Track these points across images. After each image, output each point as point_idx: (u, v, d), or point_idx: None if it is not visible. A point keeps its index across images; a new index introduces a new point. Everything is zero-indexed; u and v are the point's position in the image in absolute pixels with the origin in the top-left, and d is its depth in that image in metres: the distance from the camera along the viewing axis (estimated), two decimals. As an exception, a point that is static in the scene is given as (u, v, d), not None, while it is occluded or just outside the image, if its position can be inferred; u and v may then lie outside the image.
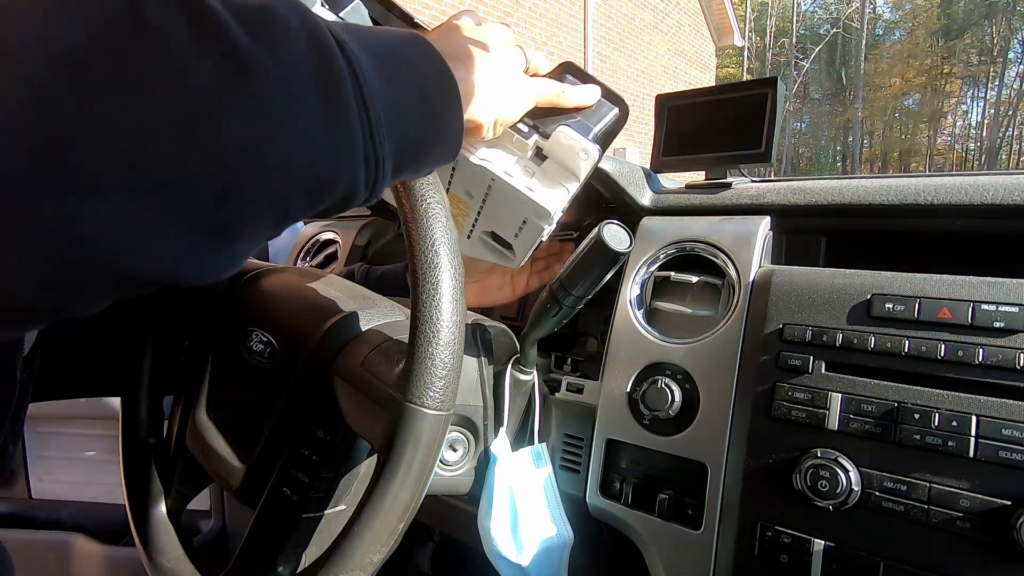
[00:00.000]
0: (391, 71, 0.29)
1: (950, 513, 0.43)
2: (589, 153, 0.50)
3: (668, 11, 9.15)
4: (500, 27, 0.45)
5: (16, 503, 1.21)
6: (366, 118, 0.27)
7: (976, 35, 19.25)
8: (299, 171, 0.25)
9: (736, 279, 0.59)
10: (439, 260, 0.39)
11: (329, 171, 0.27)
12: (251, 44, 0.23)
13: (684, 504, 0.56)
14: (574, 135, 0.50)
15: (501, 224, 0.58)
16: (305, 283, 0.58)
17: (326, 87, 0.25)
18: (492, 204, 0.56)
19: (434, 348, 0.38)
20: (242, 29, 0.23)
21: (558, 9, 6.73)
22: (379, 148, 0.28)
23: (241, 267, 0.27)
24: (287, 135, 0.24)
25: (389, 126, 0.29)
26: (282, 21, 0.25)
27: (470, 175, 0.53)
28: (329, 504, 0.49)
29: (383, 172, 0.29)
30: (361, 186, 0.29)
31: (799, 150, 22.54)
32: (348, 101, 0.26)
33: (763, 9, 21.08)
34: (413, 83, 0.31)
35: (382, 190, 0.31)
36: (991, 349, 0.45)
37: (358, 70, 0.27)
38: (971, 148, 20.43)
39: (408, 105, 0.30)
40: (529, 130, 0.51)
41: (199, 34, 0.22)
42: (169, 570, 0.57)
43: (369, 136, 0.28)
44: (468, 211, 0.58)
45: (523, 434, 0.63)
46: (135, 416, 0.65)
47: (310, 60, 0.25)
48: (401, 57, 0.31)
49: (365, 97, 0.27)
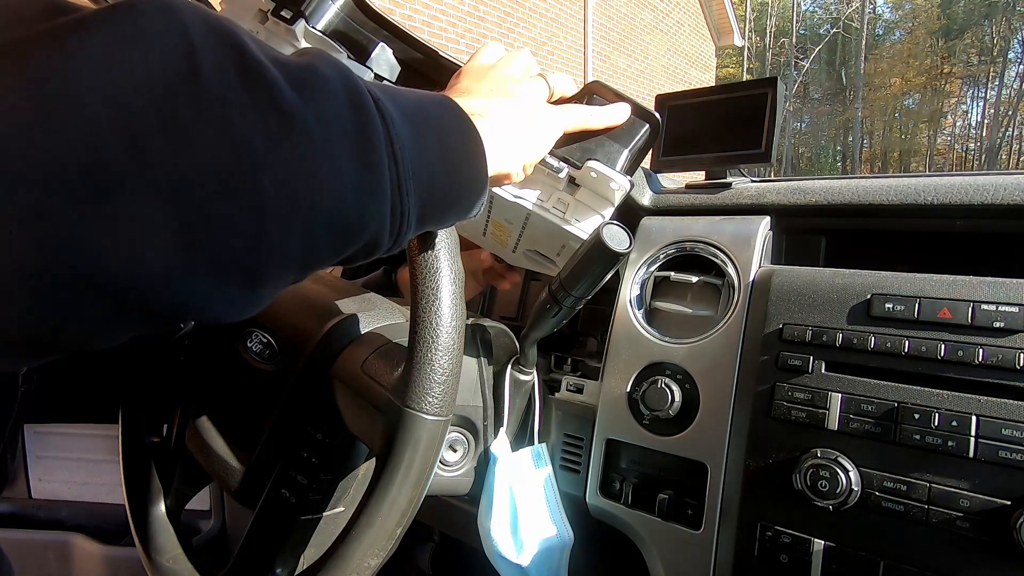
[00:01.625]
0: (420, 130, 0.31)
1: (950, 513, 0.43)
2: (620, 184, 0.50)
3: (668, 11, 9.14)
4: (522, 57, 0.46)
5: (16, 503, 1.20)
6: (395, 172, 0.29)
7: (976, 35, 19.24)
8: (329, 218, 0.26)
9: (736, 279, 0.59)
10: (439, 264, 0.39)
11: (357, 220, 0.28)
12: (296, 100, 0.25)
13: (684, 504, 0.56)
14: (602, 168, 0.49)
15: (542, 246, 0.59)
16: (305, 285, 0.58)
17: (361, 142, 0.27)
18: (531, 231, 0.57)
19: (433, 353, 0.38)
20: (288, 86, 0.25)
21: (558, 9, 6.72)
22: (405, 200, 0.30)
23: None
24: (321, 184, 0.26)
25: (416, 181, 0.30)
26: (324, 80, 0.27)
27: (507, 208, 0.55)
28: (328, 506, 0.49)
29: (408, 223, 0.31)
30: (386, 235, 0.30)
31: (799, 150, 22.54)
32: (380, 157, 0.28)
33: (763, 9, 21.07)
34: (440, 142, 0.33)
35: (406, 241, 0.32)
36: (991, 349, 0.45)
37: (391, 128, 0.29)
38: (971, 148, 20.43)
39: (435, 162, 0.32)
40: (559, 163, 0.51)
41: (249, 89, 0.23)
42: (169, 570, 0.57)
43: (397, 189, 0.29)
44: (511, 233, 0.61)
45: (523, 434, 0.63)
46: (135, 416, 0.65)
47: (348, 117, 0.27)
48: (431, 117, 0.33)
49: (396, 153, 0.29)
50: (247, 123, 0.23)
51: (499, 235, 0.63)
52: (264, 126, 0.23)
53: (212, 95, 0.22)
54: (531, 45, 6.31)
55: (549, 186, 0.53)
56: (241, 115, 0.23)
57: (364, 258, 0.32)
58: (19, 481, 1.19)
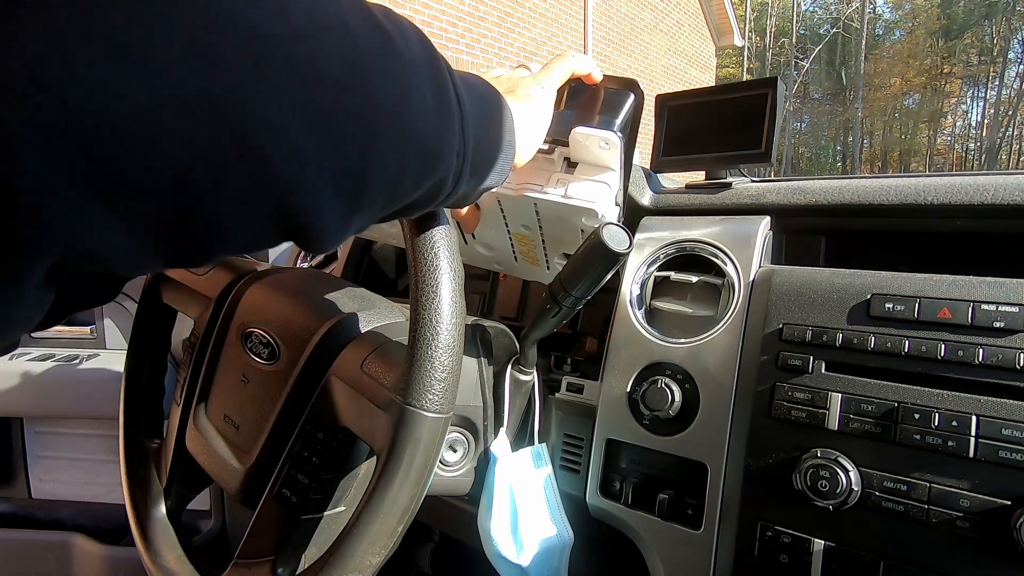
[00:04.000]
0: (470, 87, 0.34)
1: (950, 513, 0.43)
2: (609, 141, 0.51)
3: (668, 11, 9.14)
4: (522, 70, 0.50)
5: (16, 503, 1.20)
6: (459, 112, 0.31)
7: (976, 35, 19.23)
8: (416, 143, 0.28)
9: (736, 279, 0.59)
10: (439, 263, 0.39)
11: (436, 150, 0.30)
12: (388, 25, 0.27)
13: (684, 504, 0.56)
14: (586, 130, 0.51)
15: (566, 242, 0.60)
16: (305, 284, 0.58)
17: (436, 78, 0.29)
18: (548, 226, 0.59)
19: (433, 351, 0.38)
20: (381, 12, 0.27)
21: (558, 9, 6.72)
22: (467, 143, 0.32)
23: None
24: (411, 107, 0.27)
25: (473, 129, 0.32)
26: (401, 18, 0.29)
27: (518, 209, 0.57)
28: (328, 505, 0.49)
29: (466, 168, 0.33)
30: (451, 178, 0.32)
31: (799, 150, 22.53)
32: (450, 95, 0.30)
33: (763, 9, 21.06)
34: (484, 102, 0.35)
35: (459, 191, 0.34)
36: (991, 349, 0.45)
37: (454, 75, 0.31)
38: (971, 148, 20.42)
39: (483, 119, 0.34)
40: (551, 146, 0.53)
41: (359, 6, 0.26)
42: (169, 570, 0.57)
43: (461, 129, 0.31)
44: (535, 243, 0.62)
45: (523, 434, 0.63)
46: (135, 416, 0.65)
47: (424, 52, 0.29)
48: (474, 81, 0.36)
49: (460, 97, 0.31)
50: (363, 32, 0.25)
51: (527, 252, 0.64)
52: (374, 38, 0.25)
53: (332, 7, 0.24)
54: (531, 45, 6.31)
55: (547, 172, 0.54)
56: (355, 23, 0.24)
57: (425, 206, 0.33)
58: (19, 481, 1.19)
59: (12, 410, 1.12)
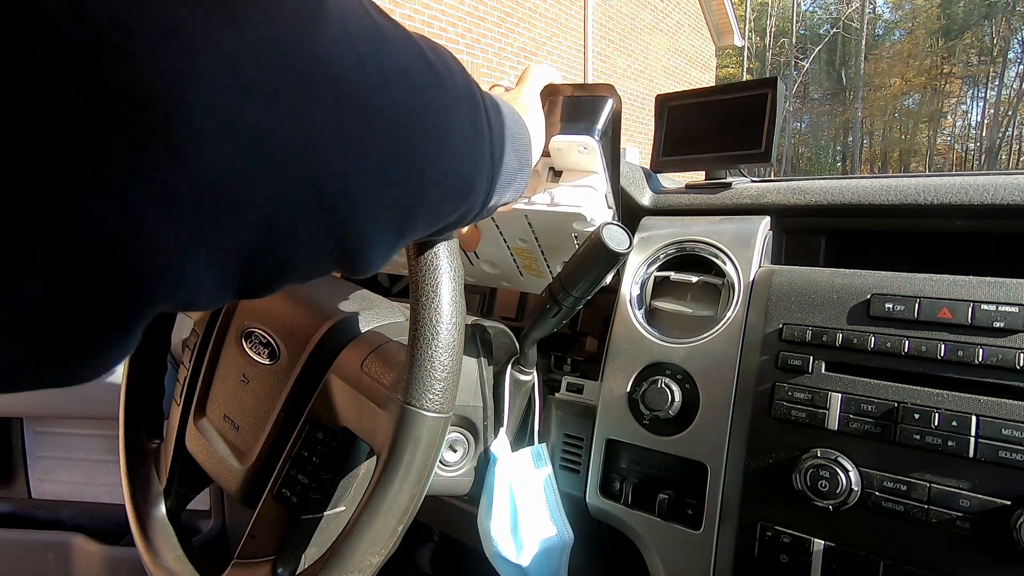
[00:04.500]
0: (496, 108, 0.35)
1: (950, 513, 0.43)
2: (587, 145, 0.51)
3: (668, 11, 9.14)
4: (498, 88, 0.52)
5: (16, 503, 1.20)
6: (489, 135, 0.33)
7: (976, 35, 19.23)
8: (455, 174, 0.30)
9: (736, 279, 0.59)
10: (439, 263, 0.39)
11: (470, 176, 0.31)
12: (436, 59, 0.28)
13: (684, 504, 0.56)
14: (564, 138, 0.52)
15: (563, 249, 0.61)
16: (305, 284, 0.58)
17: (472, 108, 0.31)
18: (543, 237, 0.60)
19: (433, 350, 0.38)
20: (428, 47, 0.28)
21: (558, 9, 6.72)
22: (495, 164, 0.34)
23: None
24: (454, 137, 0.29)
25: (499, 146, 0.34)
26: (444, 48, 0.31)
27: (512, 224, 0.58)
28: (328, 505, 0.49)
29: (493, 188, 0.35)
30: (480, 200, 0.34)
31: (799, 150, 22.53)
32: (483, 124, 0.32)
33: (763, 9, 21.06)
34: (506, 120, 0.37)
35: (486, 210, 0.36)
36: (991, 349, 0.45)
37: (488, 103, 0.33)
38: (971, 148, 20.42)
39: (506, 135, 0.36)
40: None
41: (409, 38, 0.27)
42: (169, 570, 0.57)
43: (490, 153, 0.33)
44: (535, 255, 0.63)
45: (523, 434, 0.63)
46: (135, 416, 0.65)
47: (464, 80, 0.31)
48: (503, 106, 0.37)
49: (491, 124, 0.33)
50: (418, 75, 0.26)
51: (529, 265, 0.65)
52: (428, 80, 0.27)
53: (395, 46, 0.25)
54: (531, 45, 6.31)
55: (533, 184, 0.55)
56: (413, 66, 0.26)
57: (456, 226, 0.35)
58: (19, 481, 1.19)
59: (12, 410, 1.12)
